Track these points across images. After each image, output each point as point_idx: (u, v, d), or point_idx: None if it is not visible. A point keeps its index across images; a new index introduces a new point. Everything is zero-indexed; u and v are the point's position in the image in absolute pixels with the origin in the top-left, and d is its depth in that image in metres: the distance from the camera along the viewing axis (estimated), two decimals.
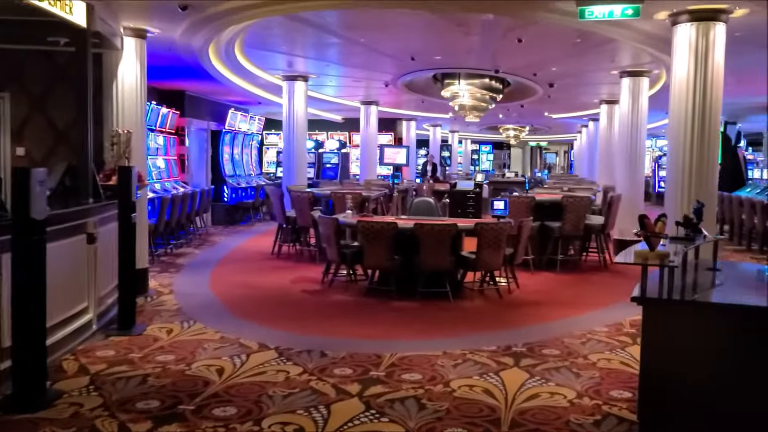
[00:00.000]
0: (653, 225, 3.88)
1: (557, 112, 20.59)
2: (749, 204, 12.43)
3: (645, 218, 3.83)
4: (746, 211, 12.56)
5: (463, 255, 7.93)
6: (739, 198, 13.16)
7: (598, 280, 9.28)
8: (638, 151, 11.22)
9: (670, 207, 6.45)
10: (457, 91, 12.97)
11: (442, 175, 25.64)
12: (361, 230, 7.64)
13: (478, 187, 14.08)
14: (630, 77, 11.18)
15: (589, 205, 9.69)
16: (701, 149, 6.18)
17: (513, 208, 9.23)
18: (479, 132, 31.67)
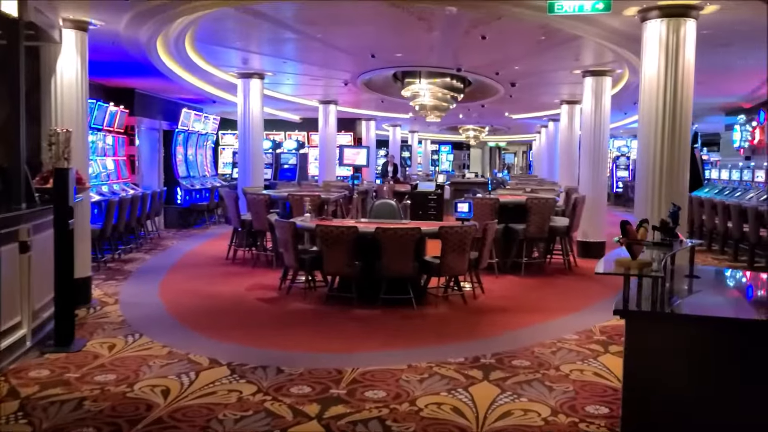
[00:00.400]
0: (635, 231, 3.59)
1: (518, 113, 20.49)
2: (710, 204, 12.44)
3: (627, 225, 3.55)
4: (706, 211, 12.56)
5: (426, 260, 7.62)
6: (699, 198, 13.17)
7: (563, 283, 9.07)
8: (601, 151, 11.09)
9: (641, 209, 6.24)
10: (417, 90, 12.68)
11: (402, 175, 25.40)
12: (320, 235, 7.26)
13: (440, 188, 13.82)
14: (593, 77, 11.04)
15: (553, 207, 9.49)
16: (672, 149, 5.98)
17: (477, 210, 8.96)
18: (439, 132, 31.52)
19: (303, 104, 17.70)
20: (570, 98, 15.45)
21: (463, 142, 36.73)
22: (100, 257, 9.62)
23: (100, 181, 11.70)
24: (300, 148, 20.05)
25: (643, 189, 6.13)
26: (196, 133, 16.11)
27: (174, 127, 15.04)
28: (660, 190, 6.01)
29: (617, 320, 6.96)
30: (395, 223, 7.86)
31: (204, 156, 16.90)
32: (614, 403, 4.46)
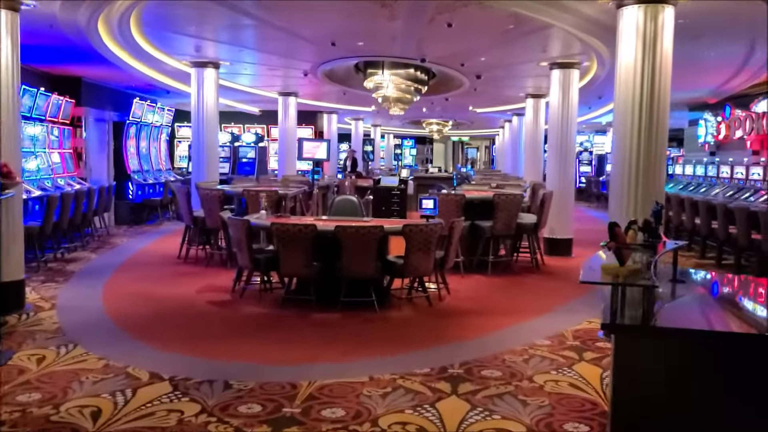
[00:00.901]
0: (624, 235, 3.21)
1: (482, 106, 20.19)
2: (677, 200, 12.28)
3: (615, 227, 3.17)
4: (673, 207, 12.41)
5: (389, 260, 7.19)
6: (665, 194, 13.01)
7: (531, 283, 8.75)
8: (569, 146, 10.80)
9: (616, 207, 5.91)
10: (380, 81, 12.22)
11: (364, 170, 24.92)
12: (276, 233, 6.77)
13: (403, 183, 13.40)
14: (560, 69, 10.73)
15: (521, 203, 9.15)
16: (649, 142, 5.66)
17: (442, 206, 8.57)
18: (402, 126, 31.12)
19: (262, 96, 17.09)
20: (535, 92, 15.18)
21: (426, 137, 36.39)
22: (40, 257, 8.96)
23: (44, 175, 10.99)
24: (259, 141, 19.43)
25: (619, 185, 5.81)
26: (149, 124, 15.39)
27: (125, 119, 14.31)
28: (636, 186, 5.69)
29: (588, 323, 6.66)
30: (356, 221, 7.42)
31: (158, 149, 16.19)
32: (594, 419, 4.10)
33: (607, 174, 22.36)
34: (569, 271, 9.50)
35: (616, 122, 5.84)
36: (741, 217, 8.98)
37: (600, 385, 4.73)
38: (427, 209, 7.61)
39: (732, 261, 9.64)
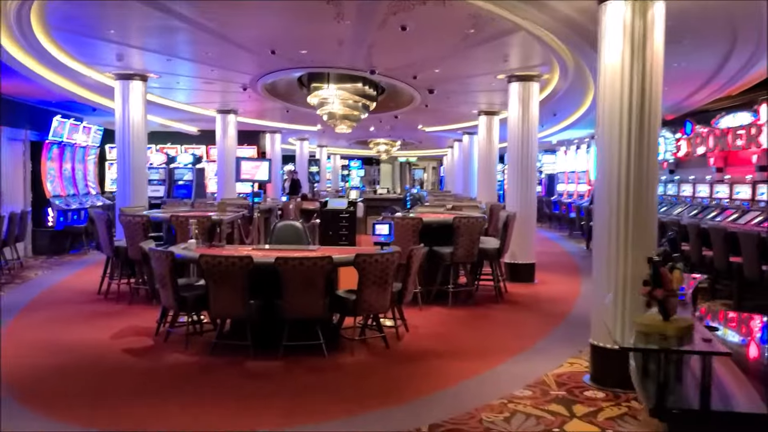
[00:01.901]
0: (669, 275, 2.34)
1: (432, 125, 19.49)
2: None
3: (659, 265, 2.29)
4: None
5: (339, 295, 6.22)
6: None
7: (497, 315, 7.89)
8: (529, 164, 10.07)
9: (603, 232, 5.09)
10: (326, 96, 11.31)
11: (310, 192, 23.90)
12: (205, 267, 5.73)
13: (352, 205, 12.47)
14: (519, 82, 10.02)
15: (483, 227, 8.33)
16: (640, 154, 4.88)
17: (398, 232, 7.67)
18: (349, 147, 30.25)
19: (200, 114, 15.97)
20: (489, 108, 14.51)
21: (373, 157, 35.64)
22: None
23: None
24: (197, 162, 18.21)
25: (606, 207, 5.00)
26: (73, 145, 14.06)
27: (44, 138, 12.97)
28: (627, 207, 4.89)
29: (570, 365, 5.82)
30: (301, 251, 6.44)
31: (84, 171, 14.83)
32: None
33: (558, 194, 21.92)
34: (535, 301, 8.72)
35: (601, 135, 5.06)
36: (717, 238, 8.35)
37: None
38: (381, 235, 6.68)
39: (706, 285, 9.00)
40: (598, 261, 5.21)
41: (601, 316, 5.13)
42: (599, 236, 5.18)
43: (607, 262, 5.05)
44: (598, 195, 5.23)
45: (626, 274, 4.96)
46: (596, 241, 5.25)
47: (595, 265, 5.30)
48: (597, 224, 5.24)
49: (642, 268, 5.05)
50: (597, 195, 5.31)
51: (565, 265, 12.17)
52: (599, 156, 5.20)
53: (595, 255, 5.30)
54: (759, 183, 9.81)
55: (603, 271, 5.11)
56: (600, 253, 5.18)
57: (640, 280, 4.97)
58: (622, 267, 4.98)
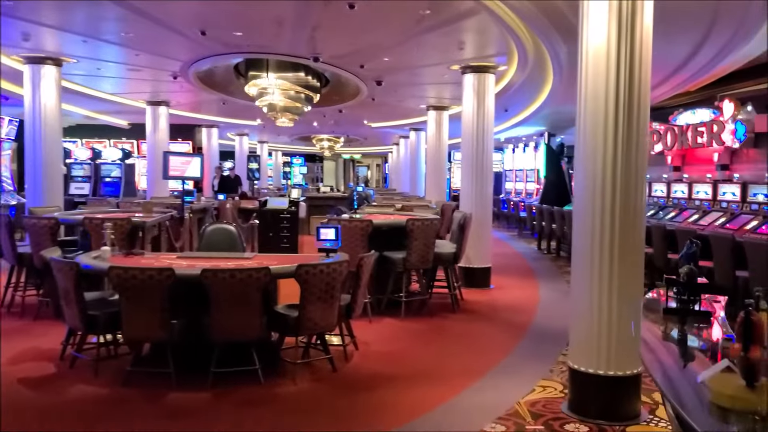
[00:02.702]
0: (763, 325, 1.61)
1: (378, 120, 18.74)
2: None
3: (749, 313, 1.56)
4: None
5: (279, 312, 5.37)
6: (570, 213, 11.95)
7: (454, 327, 7.17)
8: (485, 161, 9.41)
9: (585, 238, 4.41)
10: (265, 86, 10.40)
11: (250, 190, 22.83)
12: (116, 281, 4.80)
13: (294, 204, 11.56)
14: (474, 73, 9.34)
15: (438, 229, 7.60)
16: (628, 151, 4.22)
17: (345, 236, 6.88)
18: (291, 143, 29.22)
19: (129, 106, 14.78)
20: (438, 103, 13.86)
21: (316, 154, 34.70)
22: None
23: None
24: (126, 158, 16.96)
25: (589, 208, 4.31)
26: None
27: None
28: (613, 208, 4.22)
29: (542, 390, 5.13)
30: (234, 259, 5.57)
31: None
32: None
33: (506, 192, 21.49)
34: (494, 309, 8.05)
35: (584, 126, 4.37)
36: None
37: None
38: (326, 241, 5.87)
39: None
40: (579, 270, 4.52)
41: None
42: (580, 242, 4.50)
43: (590, 271, 4.37)
44: (579, 196, 4.54)
45: (612, 286, 4.30)
46: (577, 247, 4.56)
47: (574, 275, 4.62)
48: (578, 228, 4.55)
49: (631, 277, 4.43)
50: (577, 196, 4.62)
51: (519, 267, 11.60)
52: (579, 151, 4.51)
53: (574, 263, 4.61)
54: (720, 182, 9.40)
55: (584, 281, 4.43)
56: (581, 261, 4.49)
57: (629, 291, 4.36)
58: (607, 276, 4.31)
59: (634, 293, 4.37)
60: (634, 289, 4.37)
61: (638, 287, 4.41)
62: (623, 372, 4.32)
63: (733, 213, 8.75)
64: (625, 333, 4.31)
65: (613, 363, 4.31)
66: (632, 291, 4.35)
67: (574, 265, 4.61)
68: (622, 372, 4.32)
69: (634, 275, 4.37)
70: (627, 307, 4.31)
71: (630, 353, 4.35)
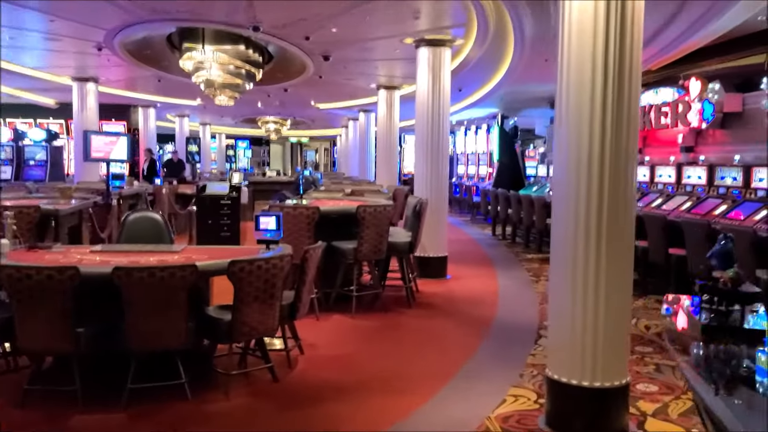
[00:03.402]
0: None
1: (326, 101, 17.91)
2: (540, 204, 10.77)
3: None
4: (537, 212, 10.89)
5: (210, 315, 4.61)
6: (529, 197, 11.49)
7: (411, 325, 6.52)
8: (441, 143, 8.75)
9: (565, 222, 3.79)
10: (201, 60, 9.49)
11: (191, 175, 21.72)
12: (8, 282, 3.96)
13: (235, 190, 10.70)
14: (429, 47, 8.65)
15: (392, 217, 6.92)
16: (618, 128, 3.62)
17: (289, 225, 6.16)
18: (235, 125, 28.06)
19: (55, 83, 13.58)
20: (389, 82, 13.15)
21: (262, 137, 33.55)
22: None
23: None
24: (52, 139, 15.71)
25: (572, 192, 3.68)
26: None
27: None
28: (600, 193, 3.60)
29: (514, 400, 4.48)
30: (158, 253, 4.77)
31: None
32: None
33: (458, 176, 20.97)
34: (452, 302, 7.45)
35: (565, 99, 3.73)
36: (654, 227, 7.39)
37: None
38: (267, 231, 5.12)
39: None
40: (559, 265, 3.90)
41: None
42: (561, 232, 3.87)
43: (573, 266, 3.76)
44: (560, 180, 3.91)
45: (598, 282, 3.70)
46: (556, 238, 3.93)
47: (554, 270, 4.00)
48: (558, 217, 3.93)
49: (620, 273, 3.83)
50: (557, 180, 3.99)
51: (474, 255, 11.04)
52: (561, 130, 3.87)
53: (554, 257, 3.98)
54: (685, 165, 8.99)
55: (566, 278, 3.81)
56: (562, 254, 3.86)
57: (618, 289, 3.76)
58: (593, 272, 3.70)
59: (623, 291, 3.78)
60: (623, 286, 3.78)
61: (627, 284, 3.83)
62: (611, 383, 3.73)
63: (699, 197, 8.34)
64: (614, 338, 3.72)
65: (600, 373, 3.72)
66: (621, 288, 3.77)
67: (553, 259, 3.99)
68: (609, 383, 3.73)
69: (624, 270, 3.77)
70: (616, 307, 3.72)
71: (618, 362, 3.77)
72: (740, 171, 7.77)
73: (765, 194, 7.32)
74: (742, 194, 7.66)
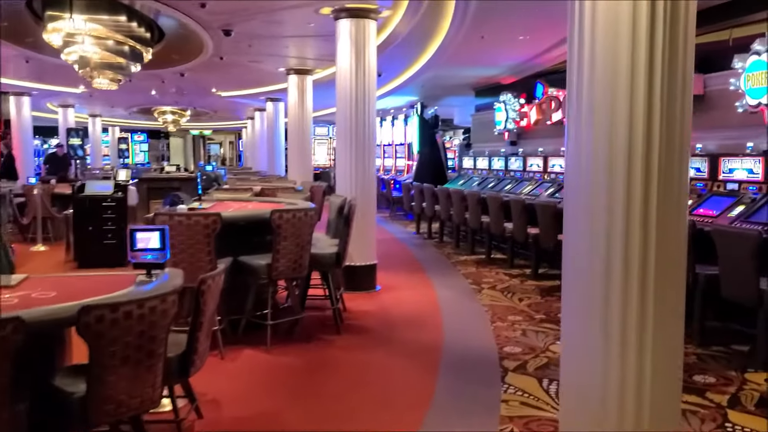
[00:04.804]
0: None
1: (229, 88, 16.24)
2: (474, 200, 9.75)
3: None
4: (471, 208, 9.85)
5: (56, 385, 3.12)
6: (460, 193, 10.42)
7: (343, 360, 5.20)
8: (367, 133, 7.45)
9: (590, 238, 2.59)
10: (71, 32, 7.77)
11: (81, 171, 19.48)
12: None
13: (121, 189, 9.00)
14: (351, 19, 7.33)
15: (315, 223, 5.55)
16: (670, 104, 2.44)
17: (181, 238, 4.70)
18: (129, 117, 25.69)
19: None
20: (300, 65, 11.76)
21: (161, 130, 31.19)
22: None
23: None
24: None
25: (601, 197, 2.46)
26: None
27: None
28: (646, 197, 2.39)
29: None
30: None
31: None
32: None
33: (386, 170, 19.74)
34: (388, 324, 6.20)
35: (591, 74, 2.51)
36: None
37: None
38: (147, 252, 3.68)
39: None
40: (581, 296, 2.68)
41: None
42: (583, 251, 2.65)
43: (605, 298, 2.56)
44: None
45: (644, 320, 2.52)
46: (574, 259, 2.72)
47: (570, 302, 2.78)
48: (576, 230, 2.71)
49: (672, 314, 2.63)
50: (571, 180, 2.76)
51: (403, 258, 9.84)
52: (578, 115, 2.65)
53: (570, 285, 2.77)
54: None
55: (593, 314, 2.61)
56: (586, 282, 2.65)
57: (668, 327, 2.53)
58: (636, 306, 2.52)
59: (675, 329, 2.62)
60: (675, 324, 2.62)
61: (679, 321, 2.67)
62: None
63: None
64: (664, 390, 2.56)
65: None
66: (673, 326, 2.60)
67: (568, 288, 2.77)
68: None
69: (676, 307, 2.61)
70: (665, 350, 2.56)
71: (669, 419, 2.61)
72: (705, 161, 6.91)
73: (737, 187, 6.46)
74: (708, 187, 6.80)
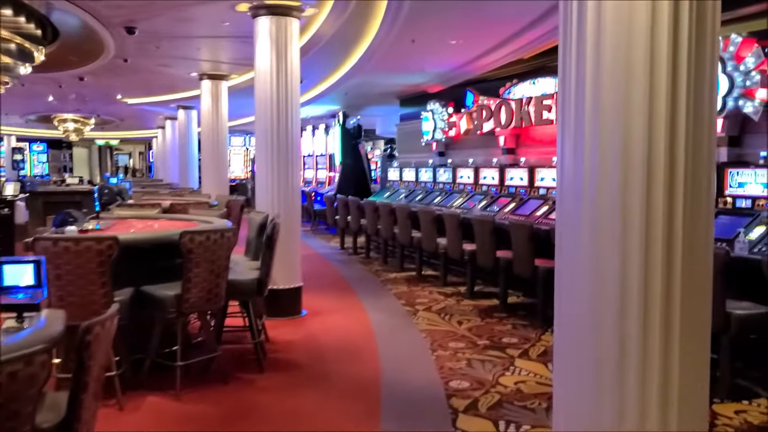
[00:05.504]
0: None
1: (136, 95, 15.10)
2: (404, 214, 9.22)
3: None
4: (400, 223, 9.32)
5: None
6: (388, 206, 9.87)
7: (268, 405, 4.47)
8: (291, 142, 6.75)
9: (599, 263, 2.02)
10: None
11: None
12: None
13: (7, 206, 7.93)
14: (271, 16, 6.62)
15: (233, 245, 4.80)
16: (697, 108, 1.92)
17: (69, 266, 3.88)
18: (26, 125, 23.81)
19: None
20: (214, 70, 10.93)
21: (62, 140, 29.21)
22: None
23: None
24: None
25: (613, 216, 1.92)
26: None
27: None
28: (670, 215, 1.87)
29: None
30: None
31: None
32: None
33: (306, 182, 18.94)
34: (319, 358, 5.51)
35: (594, 70, 1.97)
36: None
37: None
38: (18, 290, 2.91)
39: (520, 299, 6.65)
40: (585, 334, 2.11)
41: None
42: (589, 281, 2.08)
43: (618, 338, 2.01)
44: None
45: (668, 364, 1.99)
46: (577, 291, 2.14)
47: (564, 341, 2.21)
48: (570, 260, 2.14)
49: (697, 345, 1.98)
50: (565, 194, 2.19)
51: (329, 277, 9.17)
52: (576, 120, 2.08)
53: (564, 320, 2.20)
54: None
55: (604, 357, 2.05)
56: (593, 317, 2.08)
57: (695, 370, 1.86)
58: (658, 348, 1.97)
59: (700, 372, 2.09)
60: (700, 366, 2.09)
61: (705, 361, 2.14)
62: None
63: None
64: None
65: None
66: (698, 368, 2.07)
67: (562, 322, 2.20)
68: None
69: (701, 339, 2.08)
70: (690, 398, 2.02)
71: None
72: None
73: None
74: None
